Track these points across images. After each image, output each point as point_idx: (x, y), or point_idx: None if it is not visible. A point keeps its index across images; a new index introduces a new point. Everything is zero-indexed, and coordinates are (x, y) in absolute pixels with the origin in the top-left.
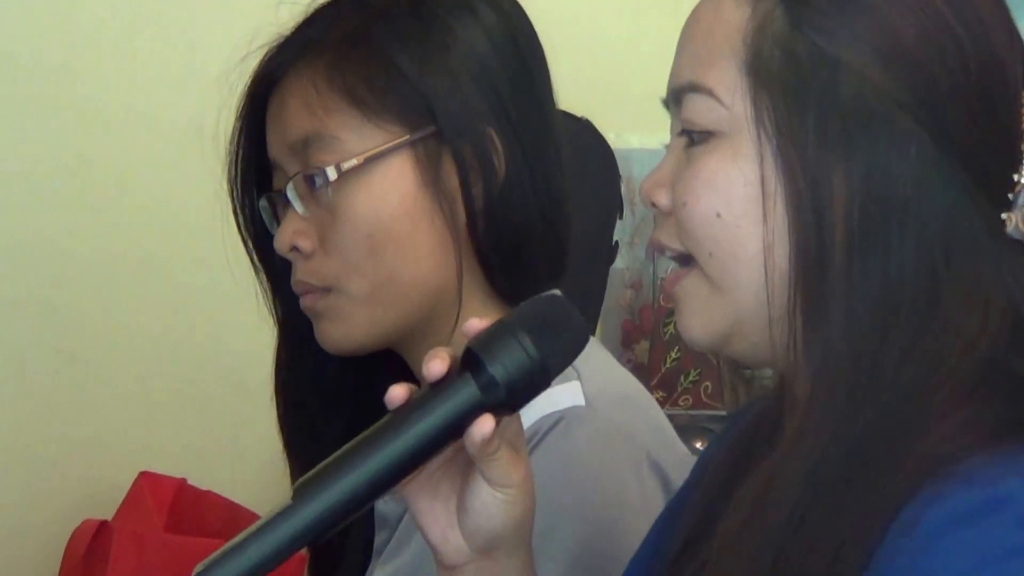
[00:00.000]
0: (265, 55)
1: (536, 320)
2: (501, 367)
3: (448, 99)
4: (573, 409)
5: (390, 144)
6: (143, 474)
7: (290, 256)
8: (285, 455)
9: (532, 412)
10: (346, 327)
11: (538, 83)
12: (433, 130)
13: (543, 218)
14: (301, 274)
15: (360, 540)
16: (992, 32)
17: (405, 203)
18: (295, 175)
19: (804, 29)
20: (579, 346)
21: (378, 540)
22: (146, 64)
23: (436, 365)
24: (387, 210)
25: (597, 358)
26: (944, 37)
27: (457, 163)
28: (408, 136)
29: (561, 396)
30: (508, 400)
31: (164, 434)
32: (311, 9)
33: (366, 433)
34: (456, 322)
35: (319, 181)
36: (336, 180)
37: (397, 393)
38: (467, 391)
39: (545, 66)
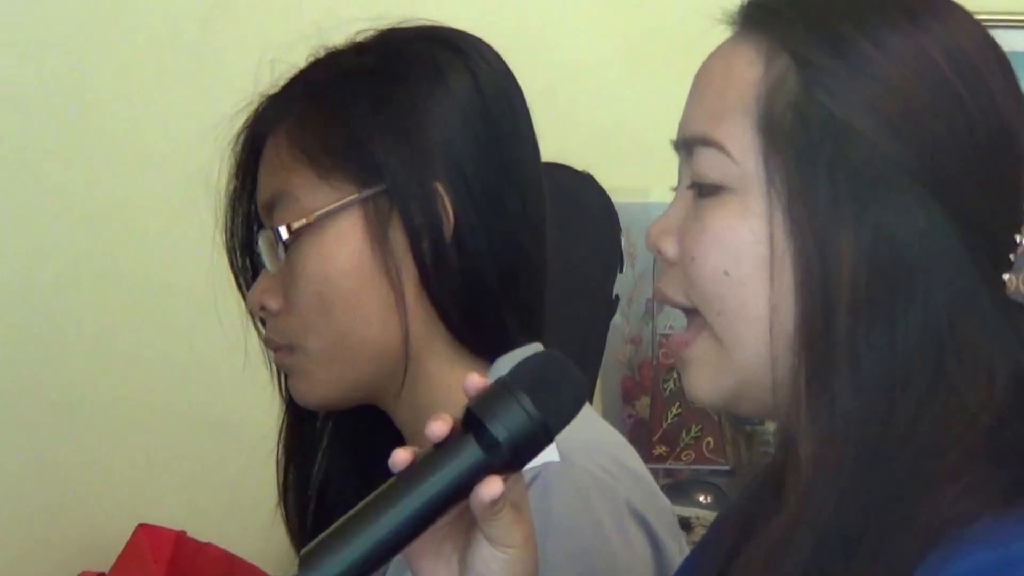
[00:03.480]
0: (252, 113)
1: (535, 379)
2: (503, 428)
3: (396, 157)
4: (548, 466)
5: (340, 202)
6: (141, 526)
7: (261, 315)
8: (282, 514)
9: None
10: (311, 384)
11: (504, 139)
12: (382, 188)
13: (502, 271)
14: (268, 331)
15: None
16: (1000, 100)
17: (352, 261)
18: (264, 232)
19: (816, 92)
20: (579, 403)
21: None
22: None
23: (438, 427)
24: (335, 268)
25: None
26: (953, 106)
27: (404, 220)
28: (357, 195)
29: None
30: (512, 460)
31: (162, 486)
32: (301, 67)
33: (371, 497)
34: (403, 380)
35: (277, 240)
36: (289, 238)
37: (401, 457)
38: (471, 453)
39: (519, 120)
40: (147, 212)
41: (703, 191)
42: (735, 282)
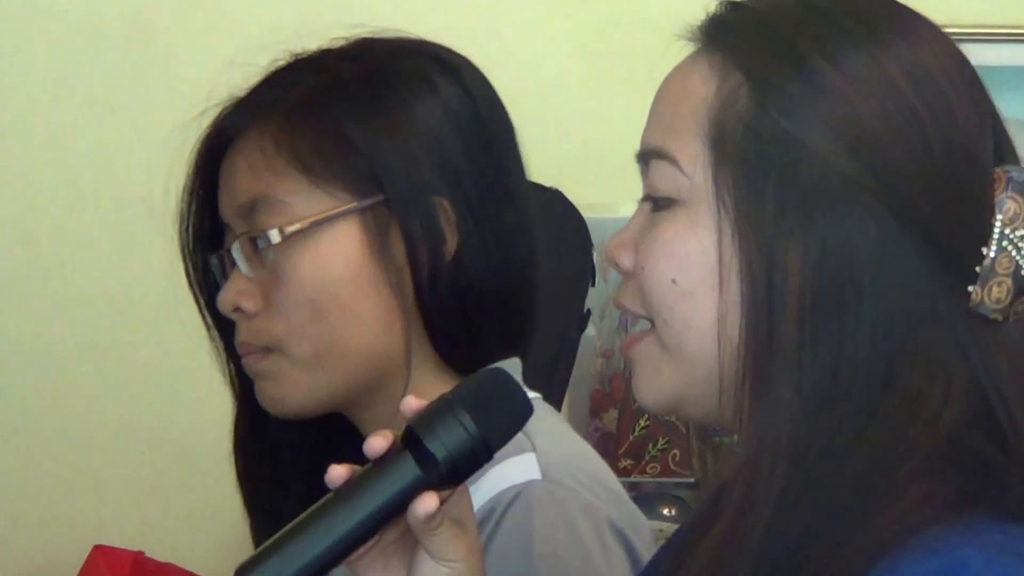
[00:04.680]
0: (218, 115)
1: (476, 396)
2: (441, 445)
3: (396, 170)
4: (530, 484)
5: (337, 210)
6: (97, 547)
7: (233, 316)
8: (248, 520)
9: (488, 487)
10: (286, 389)
11: (499, 154)
12: (382, 199)
13: (498, 290)
14: (243, 334)
15: None
16: (958, 110)
17: (351, 269)
18: (240, 236)
19: (768, 110)
20: (521, 420)
21: None
22: (90, 131)
23: (376, 442)
24: (331, 275)
25: (551, 428)
26: (907, 121)
27: (404, 233)
28: (356, 203)
29: (517, 470)
30: (450, 477)
31: (117, 507)
32: (267, 71)
33: (307, 513)
34: (405, 391)
35: (262, 243)
36: (280, 243)
37: (337, 473)
38: (407, 470)
39: (510, 136)
40: (89, 232)
41: (658, 204)
42: (683, 291)
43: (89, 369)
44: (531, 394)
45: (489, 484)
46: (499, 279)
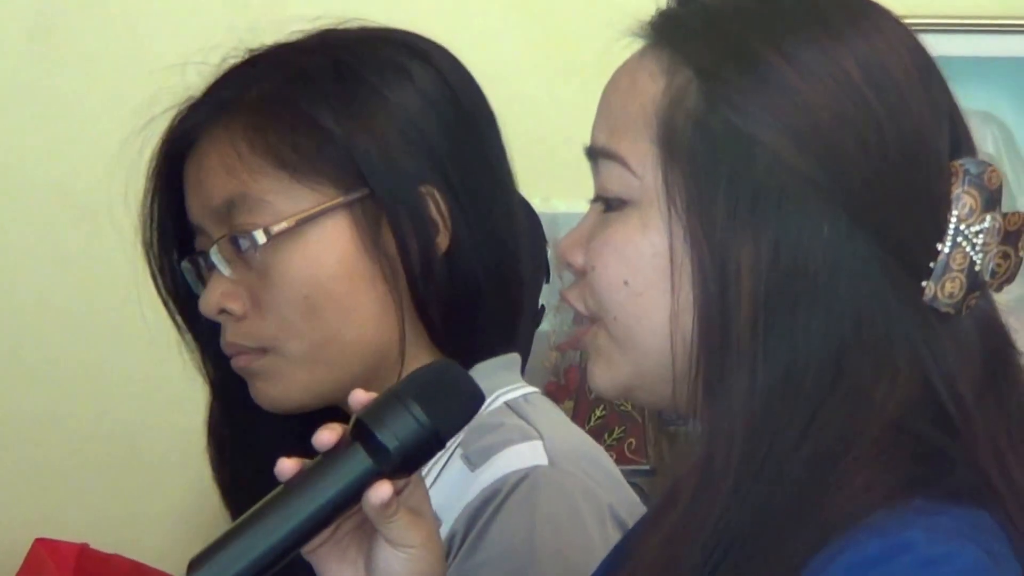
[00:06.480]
0: (176, 116)
1: (426, 386)
2: (392, 436)
3: (376, 160)
4: (537, 468)
5: (324, 206)
6: (39, 541)
7: (218, 318)
8: (227, 514)
9: (494, 470)
10: (284, 386)
11: (485, 141)
12: (368, 192)
13: (491, 279)
14: (232, 336)
15: None
16: (913, 106)
17: (344, 264)
18: (220, 238)
19: (719, 106)
20: (472, 409)
21: None
22: (47, 127)
23: (324, 436)
24: (325, 272)
25: (554, 418)
26: (861, 116)
27: (392, 225)
28: (342, 198)
29: (525, 455)
30: (403, 466)
31: (59, 499)
32: (221, 70)
33: (259, 505)
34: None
35: (246, 244)
36: (266, 243)
37: (286, 466)
38: (357, 460)
39: (493, 123)
40: (34, 223)
41: (609, 205)
42: (634, 292)
43: (26, 362)
44: (530, 389)
45: (496, 467)
46: (492, 268)
